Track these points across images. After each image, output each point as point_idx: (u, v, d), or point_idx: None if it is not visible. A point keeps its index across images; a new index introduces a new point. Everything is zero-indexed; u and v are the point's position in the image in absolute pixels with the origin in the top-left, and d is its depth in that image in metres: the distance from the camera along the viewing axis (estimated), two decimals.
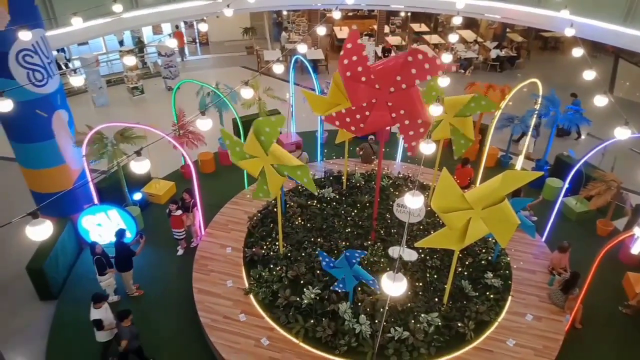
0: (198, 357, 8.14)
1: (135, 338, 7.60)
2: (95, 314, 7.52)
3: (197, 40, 23.61)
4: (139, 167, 6.21)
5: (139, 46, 20.84)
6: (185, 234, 10.16)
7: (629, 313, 8.87)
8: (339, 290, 8.13)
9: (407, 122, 7.78)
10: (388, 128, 11.47)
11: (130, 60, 11.43)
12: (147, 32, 22.48)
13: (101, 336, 7.72)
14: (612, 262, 9.73)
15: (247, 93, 9.57)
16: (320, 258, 7.92)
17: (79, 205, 10.14)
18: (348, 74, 7.57)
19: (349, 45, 7.38)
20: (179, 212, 9.82)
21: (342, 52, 7.51)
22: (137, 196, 11.37)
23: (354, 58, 7.42)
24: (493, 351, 7.87)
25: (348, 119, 7.95)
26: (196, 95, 12.90)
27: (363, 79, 7.48)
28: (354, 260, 7.65)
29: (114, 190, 10.94)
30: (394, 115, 7.71)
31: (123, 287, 9.29)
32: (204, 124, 7.90)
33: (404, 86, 7.43)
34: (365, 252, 7.83)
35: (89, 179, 10.13)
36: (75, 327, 8.38)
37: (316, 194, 10.24)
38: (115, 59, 20.31)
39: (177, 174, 12.79)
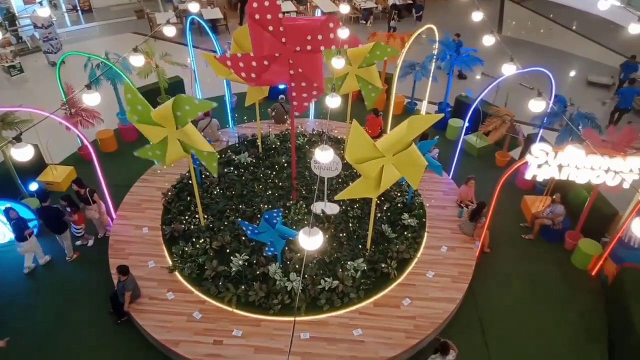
0: (130, 343, 7.81)
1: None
2: None
3: (79, 8, 21.28)
4: (21, 154, 5.56)
5: (8, 17, 18.31)
6: (83, 231, 9.33)
7: (532, 238, 9.87)
8: (271, 255, 8.16)
9: (303, 83, 7.74)
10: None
11: None
12: (16, 2, 19.76)
13: None
14: (511, 189, 10.75)
15: (137, 60, 8.83)
16: (244, 228, 7.84)
17: None
18: (257, 16, 7.16)
19: None
20: (70, 208, 8.92)
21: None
22: (33, 186, 10.33)
23: (266, 4, 7.09)
24: (415, 285, 8.46)
25: (242, 64, 7.54)
26: (84, 69, 11.74)
27: (270, 28, 7.19)
28: (274, 221, 7.68)
29: (4, 182, 9.84)
30: (292, 72, 7.61)
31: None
32: (91, 99, 7.20)
33: (309, 47, 7.34)
34: (281, 210, 7.89)
35: None
36: None
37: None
38: None
39: (75, 157, 11.71)
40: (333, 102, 6.74)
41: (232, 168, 10.81)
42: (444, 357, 6.64)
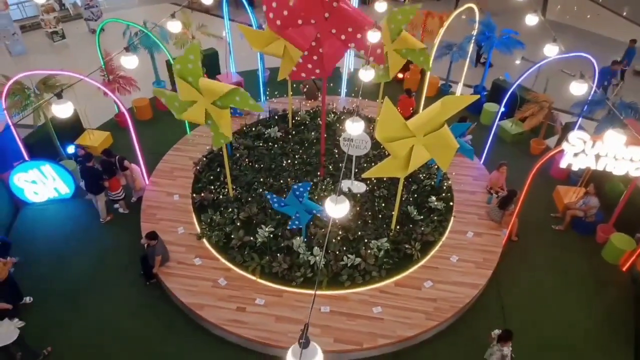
0: (157, 305, 8.12)
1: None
2: None
3: None
4: (61, 110, 5.76)
5: None
6: (123, 194, 9.61)
7: (562, 229, 9.63)
8: (295, 228, 8.26)
9: (359, 35, 7.67)
10: None
11: None
12: None
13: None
14: (544, 178, 10.45)
15: (174, 26, 8.90)
16: (270, 199, 7.94)
17: (8, 163, 9.45)
18: (278, 22, 7.33)
19: None
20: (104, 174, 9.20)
21: (264, 9, 7.36)
22: (71, 149, 10.73)
23: (274, 5, 7.25)
24: (439, 268, 8.44)
25: (310, 65, 7.78)
26: (123, 37, 11.96)
27: (299, 22, 7.23)
28: (297, 193, 7.73)
29: (44, 144, 10.27)
30: (343, 37, 7.56)
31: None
32: (129, 61, 7.36)
33: (343, 37, 7.29)
34: (309, 184, 7.92)
35: (15, 133, 9.38)
36: None
37: (262, 112, 9.77)
38: (26, 0, 18.25)
39: (111, 123, 12.09)
40: (366, 75, 6.64)
41: (261, 142, 10.91)
42: (506, 343, 6.54)
